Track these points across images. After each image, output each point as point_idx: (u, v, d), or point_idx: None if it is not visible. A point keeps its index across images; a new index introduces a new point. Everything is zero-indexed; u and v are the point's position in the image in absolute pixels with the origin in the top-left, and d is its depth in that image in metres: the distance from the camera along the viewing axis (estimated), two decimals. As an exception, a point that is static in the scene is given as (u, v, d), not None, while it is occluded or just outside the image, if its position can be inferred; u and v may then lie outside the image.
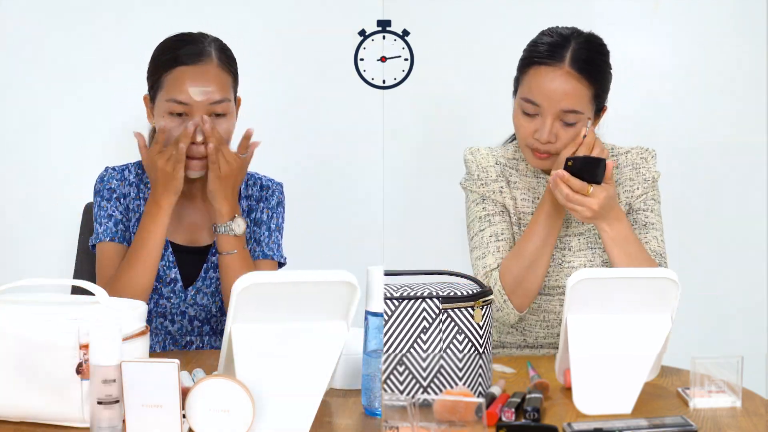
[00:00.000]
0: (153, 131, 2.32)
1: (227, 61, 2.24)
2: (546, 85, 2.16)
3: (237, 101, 2.28)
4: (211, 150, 2.16)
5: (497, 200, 2.30)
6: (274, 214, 2.34)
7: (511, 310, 2.22)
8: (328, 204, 3.13)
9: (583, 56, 2.17)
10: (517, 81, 2.24)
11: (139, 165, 2.31)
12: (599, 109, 2.23)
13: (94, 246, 2.27)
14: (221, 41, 2.27)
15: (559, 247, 2.28)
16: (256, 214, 2.33)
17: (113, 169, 2.31)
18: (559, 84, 2.15)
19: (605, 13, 3.06)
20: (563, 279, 2.27)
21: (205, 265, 2.29)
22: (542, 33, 2.24)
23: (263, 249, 2.30)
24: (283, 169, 2.74)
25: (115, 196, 2.27)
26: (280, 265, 2.34)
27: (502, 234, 2.27)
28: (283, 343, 1.60)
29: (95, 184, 2.30)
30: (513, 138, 2.38)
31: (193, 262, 2.29)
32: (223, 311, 2.30)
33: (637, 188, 2.28)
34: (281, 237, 2.36)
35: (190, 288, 2.28)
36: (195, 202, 2.31)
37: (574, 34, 2.21)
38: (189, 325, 2.30)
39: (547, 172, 2.29)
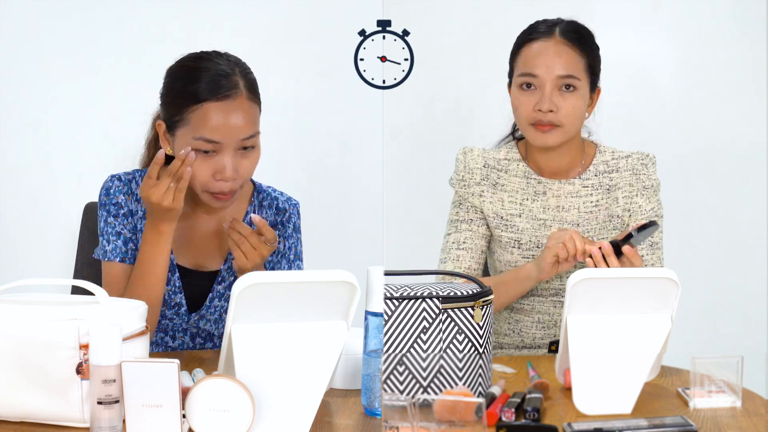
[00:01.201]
0: (152, 140, 2.23)
1: (254, 89, 2.11)
2: (541, 55, 2.21)
3: None
4: (237, 240, 2.06)
5: (475, 204, 2.31)
6: (293, 244, 2.24)
7: None
8: (328, 204, 3.13)
9: (572, 29, 2.24)
10: (511, 67, 2.28)
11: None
12: (593, 85, 2.26)
13: (98, 258, 2.18)
14: (244, 65, 2.14)
15: None
16: None
17: (119, 179, 2.17)
18: (554, 52, 2.21)
19: (605, 13, 3.06)
20: (554, 280, 2.28)
21: (210, 294, 2.20)
22: (529, 25, 2.30)
23: None
24: (283, 169, 2.75)
25: (122, 212, 2.14)
26: None
27: (464, 243, 2.31)
28: (283, 343, 1.60)
29: (100, 195, 2.17)
30: (507, 138, 2.39)
31: (199, 286, 2.19)
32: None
33: (637, 195, 2.28)
34: (302, 262, 2.25)
35: (194, 314, 2.20)
36: (206, 225, 2.21)
37: (559, 19, 2.28)
38: (191, 342, 2.23)
39: (543, 172, 2.29)
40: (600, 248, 2.09)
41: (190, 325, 2.22)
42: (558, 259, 2.13)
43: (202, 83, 2.05)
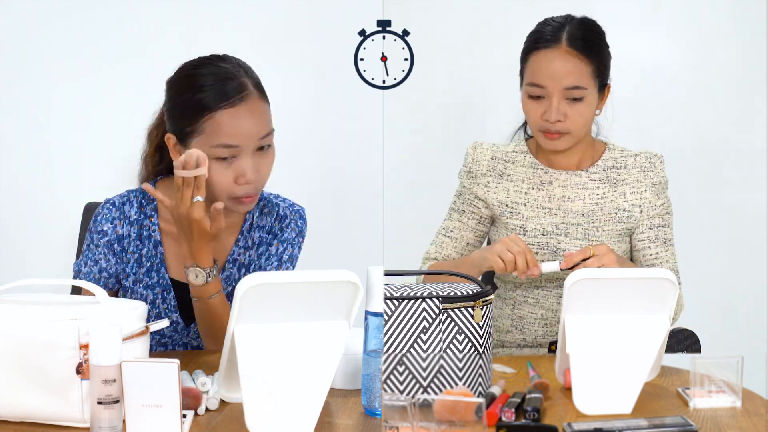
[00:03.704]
0: (149, 155, 2.19)
1: (262, 87, 2.09)
2: (547, 66, 2.21)
3: None
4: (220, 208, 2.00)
5: (478, 195, 2.34)
6: (289, 246, 2.21)
7: None
8: (328, 204, 3.13)
9: (578, 35, 2.23)
10: (522, 71, 2.29)
11: (143, 194, 2.15)
12: (602, 85, 2.26)
13: (76, 274, 2.14)
14: (246, 65, 2.11)
15: (555, 233, 2.28)
16: (264, 248, 2.20)
17: (112, 204, 2.13)
18: (560, 63, 2.20)
19: (605, 13, 3.06)
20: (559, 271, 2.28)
21: None
22: (539, 24, 2.29)
23: None
24: (282, 169, 2.74)
25: (106, 240, 2.11)
26: None
27: (451, 231, 2.37)
28: (286, 343, 1.60)
29: (92, 219, 2.14)
30: (518, 134, 2.41)
31: None
32: None
33: (646, 190, 2.29)
34: (292, 269, 2.22)
35: (192, 325, 2.17)
36: None
37: (568, 18, 2.27)
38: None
39: (552, 166, 2.30)
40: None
41: (189, 338, 2.20)
42: (497, 268, 2.15)
43: (210, 91, 2.02)
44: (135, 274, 2.14)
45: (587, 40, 2.23)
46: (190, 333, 2.19)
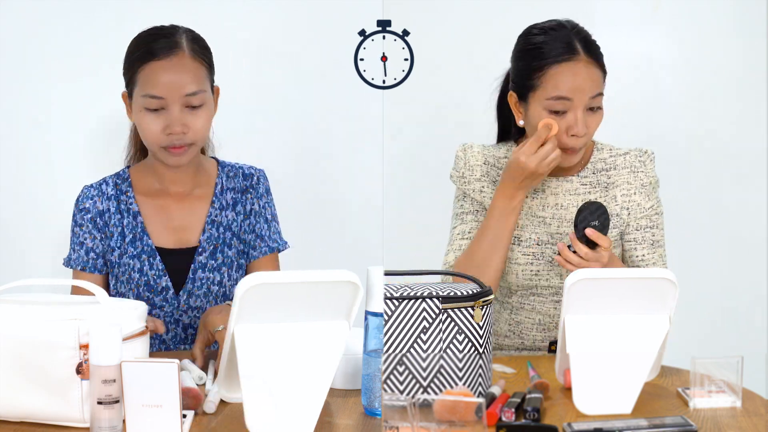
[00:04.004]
0: (134, 131, 2.34)
1: (200, 51, 2.22)
2: (573, 80, 2.14)
3: (215, 91, 2.27)
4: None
5: (476, 199, 2.31)
6: (267, 204, 2.34)
7: None
8: (328, 204, 3.13)
9: (590, 43, 2.19)
10: (531, 86, 2.19)
11: (118, 176, 2.30)
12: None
13: (66, 264, 2.29)
14: (194, 32, 2.26)
15: (550, 242, 2.28)
16: (246, 206, 2.31)
17: (90, 186, 2.29)
18: (585, 75, 2.16)
19: (605, 13, 3.06)
20: (554, 278, 2.28)
21: (192, 265, 2.26)
22: (529, 35, 2.22)
23: (267, 243, 2.32)
24: (282, 169, 2.74)
25: (89, 216, 2.26)
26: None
27: (470, 233, 2.31)
28: (286, 343, 1.60)
29: (75, 204, 2.29)
30: (505, 137, 2.39)
31: (180, 264, 2.26)
32: None
33: (635, 193, 2.27)
34: (278, 224, 2.36)
35: (181, 292, 2.26)
36: (183, 203, 2.29)
37: (561, 24, 2.21)
38: (183, 333, 2.28)
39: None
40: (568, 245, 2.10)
41: (181, 309, 2.26)
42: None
43: (149, 45, 2.19)
44: (120, 248, 2.24)
45: (596, 47, 2.19)
46: (180, 303, 2.26)
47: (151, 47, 2.18)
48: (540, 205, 2.29)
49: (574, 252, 2.10)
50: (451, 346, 1.75)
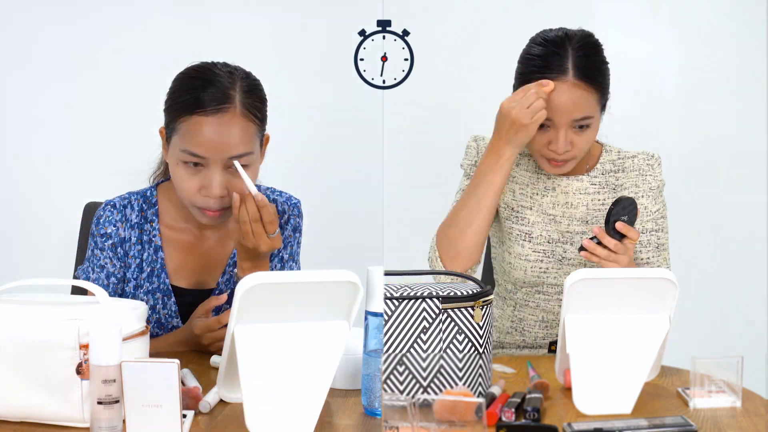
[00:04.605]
0: (163, 163, 2.20)
1: (253, 105, 2.03)
2: (555, 100, 2.12)
3: (264, 141, 2.10)
4: (242, 218, 1.97)
5: None
6: (289, 243, 2.21)
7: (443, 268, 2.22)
8: (328, 204, 3.13)
9: (584, 63, 2.14)
10: (521, 84, 2.19)
11: (144, 198, 2.15)
12: (604, 104, 2.22)
13: (84, 279, 2.13)
14: (250, 78, 2.06)
15: (561, 241, 2.28)
16: None
17: (114, 207, 2.12)
18: (568, 96, 2.12)
19: (605, 13, 3.07)
20: (561, 277, 2.28)
21: None
22: (533, 43, 2.20)
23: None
24: (282, 169, 2.74)
25: (110, 243, 2.10)
26: None
27: None
28: (286, 343, 1.60)
29: (92, 223, 2.14)
30: None
31: (195, 304, 2.11)
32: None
33: (643, 196, 2.27)
34: (296, 266, 2.22)
35: None
36: (207, 244, 2.18)
37: (568, 37, 2.17)
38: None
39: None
40: (592, 237, 2.09)
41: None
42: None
43: (197, 93, 1.99)
44: (136, 279, 2.14)
45: (592, 67, 2.15)
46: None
47: (200, 97, 1.97)
48: (550, 203, 2.29)
49: (599, 243, 2.09)
50: (451, 346, 1.75)
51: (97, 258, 2.11)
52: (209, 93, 1.98)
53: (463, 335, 1.76)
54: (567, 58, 2.13)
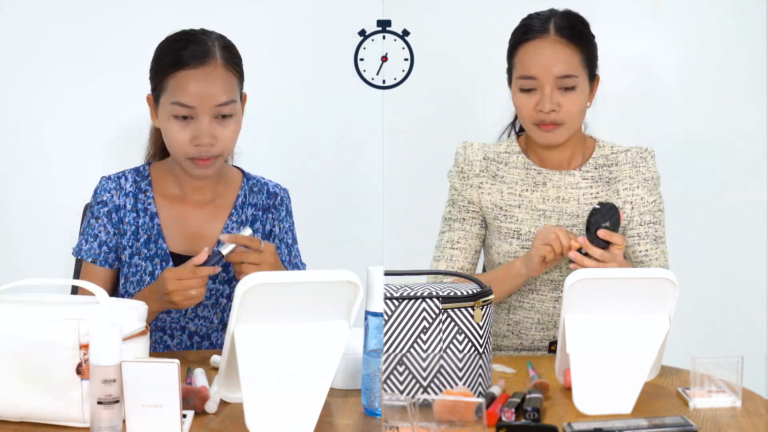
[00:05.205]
0: (154, 130, 2.29)
1: (232, 59, 2.17)
2: (538, 57, 2.19)
3: (243, 98, 2.22)
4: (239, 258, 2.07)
5: (472, 199, 2.31)
6: (288, 228, 2.30)
7: None
8: (328, 204, 3.13)
9: (565, 24, 2.21)
10: (510, 67, 2.27)
11: (137, 172, 2.25)
12: (592, 76, 2.25)
13: (74, 255, 2.25)
14: (225, 38, 2.21)
15: None
16: (266, 226, 2.27)
17: (108, 178, 2.24)
18: (550, 52, 2.19)
19: (605, 13, 3.07)
20: (553, 272, 2.27)
21: None
22: (523, 19, 2.27)
23: (290, 269, 2.26)
24: (282, 168, 2.75)
25: (105, 210, 2.20)
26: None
27: (457, 242, 2.32)
28: (286, 343, 1.60)
29: (92, 194, 2.23)
30: (507, 131, 2.40)
31: None
32: (224, 323, 2.25)
33: (638, 186, 2.28)
34: (298, 246, 2.32)
35: None
36: (202, 210, 2.25)
37: (553, 11, 2.25)
38: (188, 341, 2.24)
39: (544, 164, 2.29)
40: (579, 249, 2.10)
41: (188, 317, 2.23)
42: (545, 259, 2.14)
43: (180, 53, 2.13)
44: (132, 247, 2.20)
45: (574, 29, 2.22)
46: (187, 311, 2.22)
47: (182, 54, 2.12)
48: (540, 198, 2.29)
49: (586, 255, 2.10)
50: (451, 346, 1.75)
51: (92, 227, 2.21)
52: (191, 50, 2.13)
53: (463, 335, 1.76)
54: (549, 21, 2.22)
